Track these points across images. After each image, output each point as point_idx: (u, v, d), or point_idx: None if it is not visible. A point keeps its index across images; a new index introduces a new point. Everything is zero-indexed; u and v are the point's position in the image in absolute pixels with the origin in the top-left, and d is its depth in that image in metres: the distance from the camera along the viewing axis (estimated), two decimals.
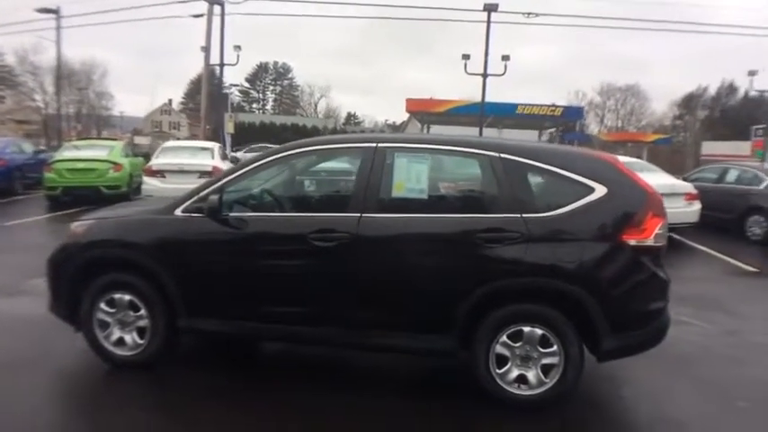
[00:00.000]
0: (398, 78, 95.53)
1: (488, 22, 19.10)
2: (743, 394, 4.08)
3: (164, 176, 11.14)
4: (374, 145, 3.85)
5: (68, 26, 25.94)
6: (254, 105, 71.13)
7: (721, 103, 50.81)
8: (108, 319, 4.00)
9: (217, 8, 18.82)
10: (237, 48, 19.52)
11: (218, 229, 3.79)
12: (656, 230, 3.67)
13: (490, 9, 18.92)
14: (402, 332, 3.75)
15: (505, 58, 19.94)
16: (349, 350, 4.24)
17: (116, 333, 4.01)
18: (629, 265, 3.65)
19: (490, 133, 36.57)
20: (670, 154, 40.42)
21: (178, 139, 50.69)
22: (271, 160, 3.99)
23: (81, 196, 11.95)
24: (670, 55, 74.50)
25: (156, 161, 11.57)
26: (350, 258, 3.66)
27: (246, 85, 69.32)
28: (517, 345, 3.62)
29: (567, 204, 3.65)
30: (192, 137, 35.75)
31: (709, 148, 39.35)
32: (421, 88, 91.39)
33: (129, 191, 12.60)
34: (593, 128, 53.69)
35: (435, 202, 3.99)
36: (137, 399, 3.71)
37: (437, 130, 36.91)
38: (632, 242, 3.64)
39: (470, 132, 38.67)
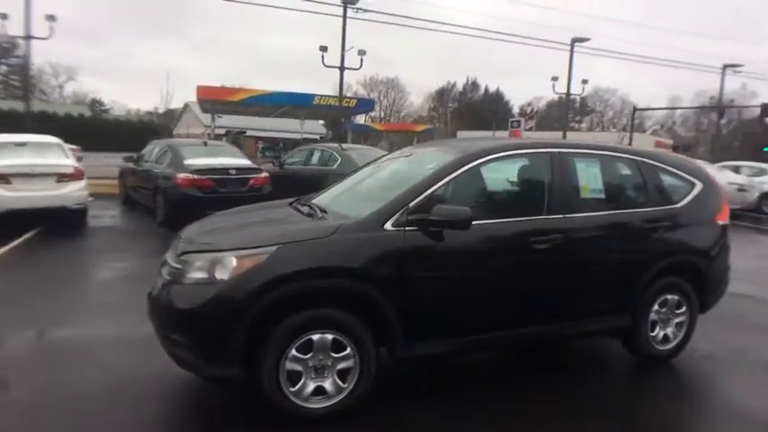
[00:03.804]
0: (145, 62, 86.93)
1: (344, 17, 18.91)
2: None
3: (8, 182, 8.56)
4: (557, 150, 4.03)
5: None
6: None
7: (467, 98, 59.23)
8: (299, 367, 3.20)
9: None
10: (51, 18, 15.46)
11: (439, 240, 3.39)
12: (728, 213, 4.76)
13: (347, 3, 18.74)
14: (601, 316, 4.12)
15: (362, 52, 20.09)
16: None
17: (310, 384, 3.23)
18: (722, 239, 4.66)
19: (292, 124, 36.30)
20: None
21: None
22: (470, 167, 3.69)
23: None
24: (425, 52, 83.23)
25: None
26: (562, 257, 3.82)
27: None
28: (663, 310, 4.38)
29: (685, 197, 4.51)
30: None
31: (464, 136, 45.49)
32: (173, 74, 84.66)
33: None
34: (359, 118, 56.99)
35: (609, 200, 4.25)
36: None
37: (229, 119, 35.09)
38: (721, 222, 4.67)
39: (265, 122, 37.71)
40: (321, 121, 45.70)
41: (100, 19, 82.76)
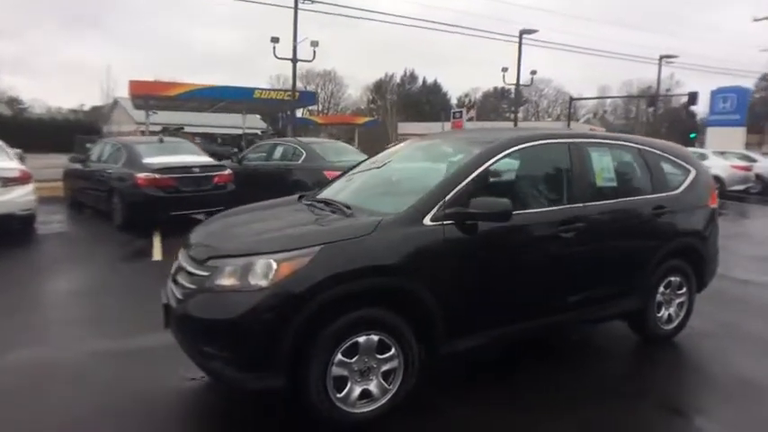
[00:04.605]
0: (65, 59, 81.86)
1: (296, 8, 18.34)
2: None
3: None
4: (572, 140, 4.10)
5: None
6: None
7: (405, 89, 59.50)
8: (345, 372, 3.06)
9: None
10: None
11: (475, 233, 3.35)
12: (716, 197, 5.05)
13: None
14: (618, 300, 4.21)
15: (314, 44, 19.56)
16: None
17: (356, 388, 3.10)
18: (714, 221, 4.90)
19: (232, 119, 35.19)
20: (372, 135, 45.41)
21: None
22: (500, 158, 3.65)
23: None
24: (361, 44, 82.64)
25: None
26: (585, 244, 3.88)
27: None
28: (667, 291, 4.57)
29: (683, 183, 4.70)
30: None
31: (405, 128, 45.74)
32: (95, 70, 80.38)
33: None
34: (297, 111, 56.35)
35: (620, 188, 4.34)
36: None
37: (164, 115, 33.73)
38: (712, 206, 4.91)
39: (203, 117, 36.40)
40: (257, 116, 44.70)
41: (15, 13, 77.01)
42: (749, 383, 3.96)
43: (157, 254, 7.59)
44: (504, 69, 27.36)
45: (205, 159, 9.95)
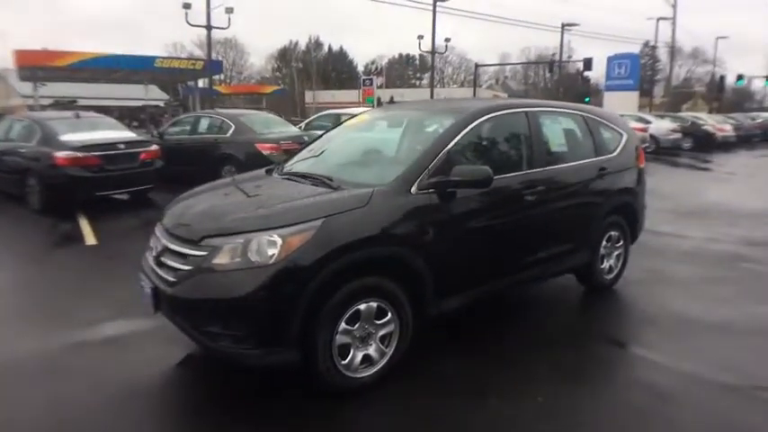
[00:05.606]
0: None
1: None
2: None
3: None
4: (529, 109, 4.38)
5: None
6: None
7: (311, 57, 58.27)
8: (347, 339, 3.20)
9: None
10: None
11: (454, 200, 3.57)
12: (644, 157, 5.60)
13: None
14: (573, 254, 4.62)
15: (229, 10, 18.44)
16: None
17: (358, 354, 3.26)
18: (642, 180, 5.46)
19: (131, 90, 32.93)
20: (281, 104, 44.38)
21: None
22: (473, 127, 3.86)
23: None
24: (260, 11, 78.81)
25: None
26: (545, 206, 4.22)
27: None
28: (608, 245, 5.06)
29: (617, 147, 5.18)
30: None
31: (323, 96, 45.00)
32: None
33: None
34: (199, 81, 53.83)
35: (569, 152, 4.72)
36: None
37: (55, 87, 31.08)
38: (641, 166, 5.47)
39: (99, 89, 33.86)
40: (156, 87, 42.22)
41: None
42: (680, 319, 4.57)
43: (90, 238, 7.17)
44: (420, 37, 27.70)
45: (129, 135, 9.40)
